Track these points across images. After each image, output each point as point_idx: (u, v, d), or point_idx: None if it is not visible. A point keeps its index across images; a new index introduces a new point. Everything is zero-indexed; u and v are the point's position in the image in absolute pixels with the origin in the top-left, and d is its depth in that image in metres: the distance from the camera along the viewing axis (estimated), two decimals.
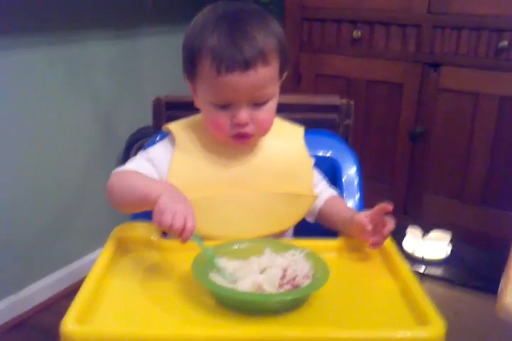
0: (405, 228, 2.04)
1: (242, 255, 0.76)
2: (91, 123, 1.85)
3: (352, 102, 1.09)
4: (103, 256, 0.79)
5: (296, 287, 0.70)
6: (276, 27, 0.86)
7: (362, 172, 1.06)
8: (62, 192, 1.79)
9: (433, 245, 2.02)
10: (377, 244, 0.83)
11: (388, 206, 0.80)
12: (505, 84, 1.78)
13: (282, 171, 0.91)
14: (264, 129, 0.88)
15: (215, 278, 0.71)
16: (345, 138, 1.10)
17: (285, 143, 0.94)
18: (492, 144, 1.85)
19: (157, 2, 1.99)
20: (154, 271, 0.79)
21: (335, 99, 1.09)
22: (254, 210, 0.89)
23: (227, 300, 0.68)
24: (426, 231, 2.01)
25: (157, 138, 1.03)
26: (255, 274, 0.71)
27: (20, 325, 1.67)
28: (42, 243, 1.75)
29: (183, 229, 0.72)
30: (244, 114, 0.83)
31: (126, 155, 1.91)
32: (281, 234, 0.93)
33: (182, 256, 0.78)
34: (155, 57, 2.06)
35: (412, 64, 1.91)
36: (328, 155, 1.03)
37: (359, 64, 2.00)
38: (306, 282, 0.71)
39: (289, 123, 0.97)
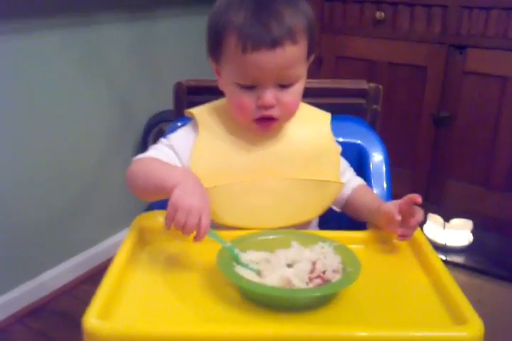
0: (426, 215, 2.00)
1: (268, 247, 0.74)
2: (108, 108, 1.82)
3: (380, 87, 1.04)
4: (124, 247, 0.76)
5: (326, 281, 0.67)
6: (305, 6, 0.82)
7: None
8: (80, 178, 1.77)
9: (455, 233, 1.98)
10: (405, 236, 0.80)
11: (418, 197, 0.77)
12: None
13: (308, 158, 0.88)
14: (289, 113, 0.85)
15: (241, 271, 0.68)
16: (373, 124, 1.06)
17: (311, 129, 0.91)
18: None
19: None
20: (177, 263, 0.76)
21: (362, 83, 1.05)
22: (279, 198, 0.86)
23: (255, 295, 0.65)
24: (448, 218, 1.97)
25: (178, 124, 1.00)
26: (283, 268, 0.68)
27: (40, 309, 1.67)
28: (59, 228, 1.74)
29: (198, 228, 0.69)
30: (269, 96, 0.80)
31: (145, 140, 1.89)
32: (306, 225, 0.90)
33: (206, 247, 0.74)
34: (172, 39, 2.01)
35: (437, 46, 1.85)
36: (354, 141, 0.99)
37: (382, 46, 1.94)
38: (337, 276, 0.68)
39: (315, 108, 0.93)
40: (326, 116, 0.93)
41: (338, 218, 0.93)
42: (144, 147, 1.90)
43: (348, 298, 0.68)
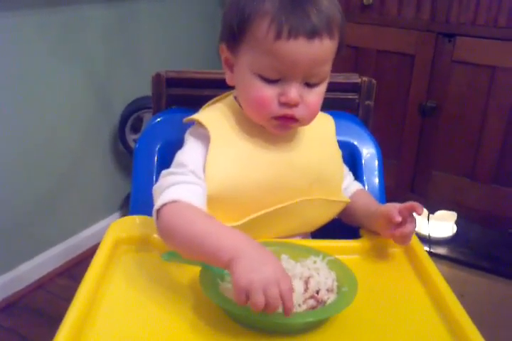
0: None
1: None
2: (84, 93, 1.73)
3: (374, 81, 0.98)
4: (98, 257, 0.70)
5: (320, 302, 0.61)
6: (338, 4, 0.74)
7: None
8: (55, 167, 1.70)
9: (439, 224, 1.96)
10: (398, 241, 0.77)
11: (420, 208, 0.74)
12: None
13: (317, 170, 0.81)
14: (311, 116, 0.76)
15: (226, 290, 0.62)
16: (365, 121, 1.00)
17: (320, 137, 0.84)
18: (507, 121, 1.76)
19: None
20: (157, 277, 0.70)
21: (354, 77, 0.99)
22: (286, 214, 0.79)
23: (241, 319, 0.60)
24: (432, 210, 1.94)
25: (157, 120, 0.93)
26: None
27: (13, 304, 1.61)
28: (33, 220, 1.67)
29: (283, 300, 0.56)
30: (295, 92, 0.71)
31: (122, 127, 1.80)
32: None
33: None
34: (153, 21, 1.92)
35: (425, 33, 1.80)
36: (347, 140, 0.94)
37: (369, 32, 1.88)
38: (331, 296, 0.62)
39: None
40: (330, 121, 0.87)
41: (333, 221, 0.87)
42: (121, 135, 1.82)
43: (343, 318, 0.62)
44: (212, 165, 0.75)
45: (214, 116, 0.80)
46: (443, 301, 0.66)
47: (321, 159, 0.83)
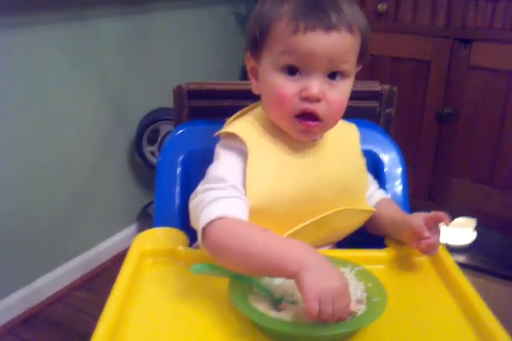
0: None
1: None
2: (101, 106, 1.74)
3: (395, 89, 0.97)
4: (124, 271, 0.69)
5: (351, 314, 0.61)
6: (361, 12, 0.75)
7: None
8: (73, 179, 1.70)
9: (458, 232, 1.94)
10: (426, 251, 0.76)
11: (446, 218, 0.73)
12: None
13: (342, 183, 0.81)
14: (334, 115, 0.74)
15: (255, 302, 0.62)
16: (387, 128, 0.99)
17: (346, 147, 0.84)
18: None
19: None
20: (183, 290, 0.69)
21: (375, 85, 0.98)
22: (317, 226, 0.78)
23: (270, 331, 0.59)
24: (451, 217, 1.92)
25: (179, 132, 0.93)
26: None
27: (33, 317, 1.61)
28: (52, 234, 1.67)
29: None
30: (316, 86, 0.70)
31: (139, 139, 1.81)
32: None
33: None
34: (168, 34, 1.93)
35: (441, 39, 1.79)
36: (369, 149, 0.93)
37: (384, 39, 1.87)
38: (362, 307, 0.62)
39: (342, 121, 0.83)
40: (354, 130, 0.87)
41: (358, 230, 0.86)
42: (138, 147, 1.82)
43: (373, 329, 0.61)
44: (252, 179, 0.74)
45: (246, 128, 0.78)
46: (474, 311, 0.65)
47: (347, 169, 0.82)
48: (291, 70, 0.71)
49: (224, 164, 0.76)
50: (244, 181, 0.73)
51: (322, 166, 0.79)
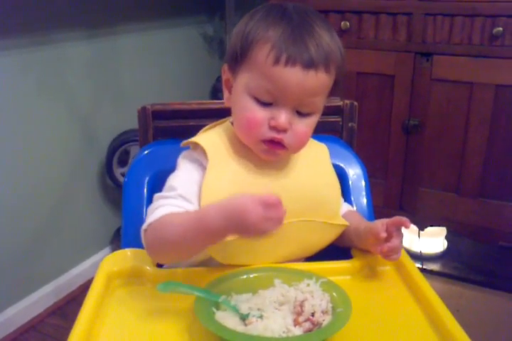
0: None
1: (249, 288, 0.68)
2: (69, 129, 1.74)
3: (356, 103, 1.00)
4: (91, 294, 0.70)
5: (315, 325, 0.62)
6: (338, 39, 0.78)
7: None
8: (42, 204, 1.69)
9: (429, 241, 1.98)
10: (387, 256, 0.77)
11: (407, 221, 0.74)
12: (500, 72, 1.71)
13: (310, 197, 0.82)
14: (299, 144, 0.78)
15: (222, 319, 0.62)
16: (350, 142, 1.02)
17: (313, 163, 0.86)
18: (488, 135, 1.78)
19: None
20: (152, 311, 0.69)
21: (336, 100, 1.01)
22: (284, 238, 0.79)
23: None
24: (422, 227, 1.95)
25: (144, 153, 0.94)
26: (269, 312, 0.63)
27: None
28: (22, 260, 1.65)
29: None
30: (285, 117, 0.74)
31: (109, 161, 1.81)
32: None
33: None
34: (136, 56, 1.95)
35: (403, 54, 1.83)
36: (332, 162, 0.94)
37: (348, 55, 1.86)
38: (327, 318, 0.63)
39: (312, 139, 0.87)
40: (324, 150, 0.89)
41: None
42: (109, 169, 1.82)
43: (340, 338, 0.62)
44: (208, 191, 0.76)
45: (211, 139, 0.81)
46: (437, 316, 0.67)
47: (315, 184, 0.84)
48: (263, 102, 0.74)
49: (180, 175, 0.79)
50: (200, 193, 0.76)
51: (287, 180, 0.81)
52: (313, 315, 0.63)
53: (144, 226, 0.72)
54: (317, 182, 0.84)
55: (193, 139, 0.81)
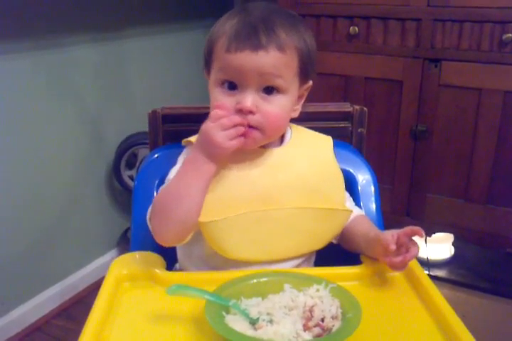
0: None
1: (259, 293, 0.68)
2: (77, 132, 1.75)
3: (365, 109, 1.00)
4: (101, 297, 0.70)
5: (325, 330, 0.62)
6: (306, 33, 0.81)
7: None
8: (50, 206, 1.69)
9: (436, 247, 1.97)
10: (396, 267, 0.76)
11: (420, 230, 0.73)
12: (509, 78, 1.71)
13: (314, 186, 0.84)
14: (270, 125, 0.78)
15: (232, 322, 0.62)
16: (359, 148, 1.02)
17: (315, 155, 0.87)
18: (497, 141, 1.78)
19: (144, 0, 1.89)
20: (161, 311, 0.70)
21: (346, 106, 1.01)
22: (289, 228, 0.81)
23: None
24: (429, 233, 1.95)
25: (155, 156, 0.94)
26: (279, 317, 0.63)
27: None
28: (29, 261, 1.65)
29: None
30: (248, 100, 0.76)
31: (117, 164, 1.81)
32: (312, 254, 0.87)
33: None
34: (142, 59, 1.95)
35: (411, 60, 1.83)
36: (342, 167, 0.94)
37: (356, 61, 1.91)
38: (336, 324, 0.62)
39: (316, 133, 0.90)
40: (327, 140, 0.90)
41: (331, 251, 0.87)
42: (116, 172, 1.83)
43: None
44: None
45: None
46: (447, 324, 0.66)
47: (314, 173, 0.84)
48: (231, 86, 0.78)
49: (176, 168, 0.83)
50: None
51: (285, 170, 0.82)
52: (322, 320, 0.63)
53: (148, 215, 0.78)
54: (316, 171, 0.85)
55: (192, 138, 0.85)
